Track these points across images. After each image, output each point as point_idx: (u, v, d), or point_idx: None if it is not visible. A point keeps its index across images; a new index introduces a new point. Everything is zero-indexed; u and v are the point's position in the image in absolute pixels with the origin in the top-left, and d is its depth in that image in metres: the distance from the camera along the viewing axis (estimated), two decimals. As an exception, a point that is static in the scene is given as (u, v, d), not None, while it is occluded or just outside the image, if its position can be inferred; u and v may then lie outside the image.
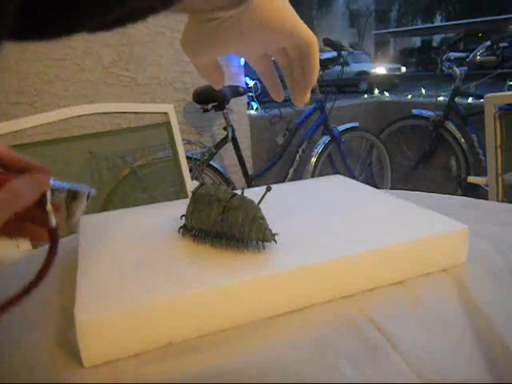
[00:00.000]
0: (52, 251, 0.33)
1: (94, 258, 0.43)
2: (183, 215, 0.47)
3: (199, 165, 1.89)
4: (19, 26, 0.17)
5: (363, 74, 11.33)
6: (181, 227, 0.48)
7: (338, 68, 2.39)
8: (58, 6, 0.18)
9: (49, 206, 0.33)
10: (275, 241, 0.42)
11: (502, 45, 2.41)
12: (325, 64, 2.27)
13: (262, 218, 0.42)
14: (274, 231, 0.42)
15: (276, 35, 0.36)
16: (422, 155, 2.72)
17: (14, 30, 0.17)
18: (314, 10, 26.84)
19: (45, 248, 0.34)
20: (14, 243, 0.97)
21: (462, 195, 2.19)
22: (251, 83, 2.34)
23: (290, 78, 0.42)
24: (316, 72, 0.40)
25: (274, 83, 0.43)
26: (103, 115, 1.28)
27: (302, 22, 0.38)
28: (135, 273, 0.40)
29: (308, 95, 0.42)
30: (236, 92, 1.98)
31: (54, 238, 0.33)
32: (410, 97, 3.11)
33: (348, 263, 0.42)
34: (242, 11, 0.33)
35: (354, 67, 11.73)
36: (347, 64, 2.54)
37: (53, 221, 0.33)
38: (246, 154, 2.21)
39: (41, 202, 0.32)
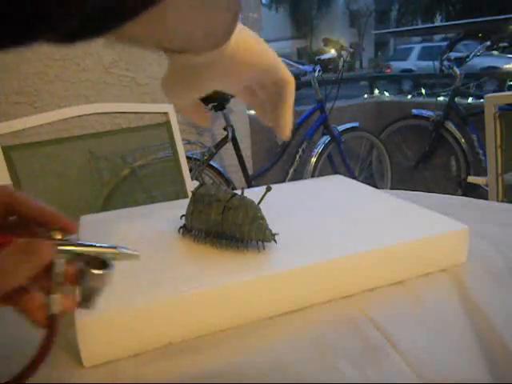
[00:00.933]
0: (48, 341, 0.27)
1: (93, 258, 0.43)
2: (183, 215, 0.47)
3: (199, 165, 1.89)
4: None
5: (490, 71, 7.41)
6: (181, 227, 0.48)
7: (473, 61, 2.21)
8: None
9: (52, 285, 0.26)
10: (275, 241, 0.42)
11: (501, 45, 2.41)
12: (325, 64, 2.27)
13: (262, 218, 0.42)
14: (274, 231, 0.42)
15: (252, 72, 0.38)
16: (421, 155, 2.72)
17: None
18: (314, 10, 26.84)
19: None
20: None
21: (462, 195, 2.19)
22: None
23: (272, 113, 0.42)
24: (288, 112, 0.41)
25: (264, 113, 0.43)
26: (103, 115, 1.28)
27: (280, 62, 0.39)
28: (135, 273, 0.40)
29: (286, 131, 0.42)
30: (236, 92, 1.97)
31: (52, 326, 0.26)
32: (409, 97, 3.11)
33: (348, 263, 0.42)
34: (219, 54, 0.34)
35: (479, 62, 7.53)
36: (469, 60, 2.30)
37: (55, 306, 0.26)
38: (246, 153, 2.21)
39: (49, 270, 0.26)
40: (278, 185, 0.66)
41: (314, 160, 2.33)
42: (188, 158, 1.63)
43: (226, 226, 0.42)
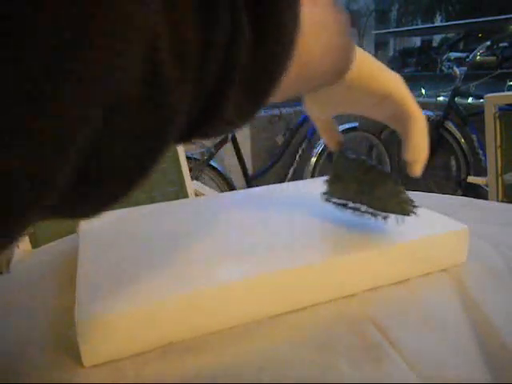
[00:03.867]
0: None
1: (94, 258, 0.43)
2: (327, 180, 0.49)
3: (199, 165, 1.89)
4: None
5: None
6: (324, 193, 0.49)
7: None
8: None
9: None
10: (415, 213, 0.42)
11: (502, 45, 2.42)
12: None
13: (402, 191, 0.43)
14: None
15: (372, 98, 0.38)
16: (421, 155, 2.71)
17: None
18: (314, 10, 26.81)
19: (47, 247, 0.33)
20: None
21: (462, 195, 2.19)
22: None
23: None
24: (415, 151, 0.40)
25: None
26: (103, 115, 1.28)
27: (407, 94, 0.39)
28: (135, 273, 0.40)
29: (412, 169, 0.42)
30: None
31: None
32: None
33: (348, 263, 0.42)
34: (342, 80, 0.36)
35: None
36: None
37: None
38: (246, 153, 2.21)
39: None
40: (278, 185, 0.66)
41: (313, 160, 2.33)
42: (188, 157, 1.63)
43: (364, 198, 0.43)
